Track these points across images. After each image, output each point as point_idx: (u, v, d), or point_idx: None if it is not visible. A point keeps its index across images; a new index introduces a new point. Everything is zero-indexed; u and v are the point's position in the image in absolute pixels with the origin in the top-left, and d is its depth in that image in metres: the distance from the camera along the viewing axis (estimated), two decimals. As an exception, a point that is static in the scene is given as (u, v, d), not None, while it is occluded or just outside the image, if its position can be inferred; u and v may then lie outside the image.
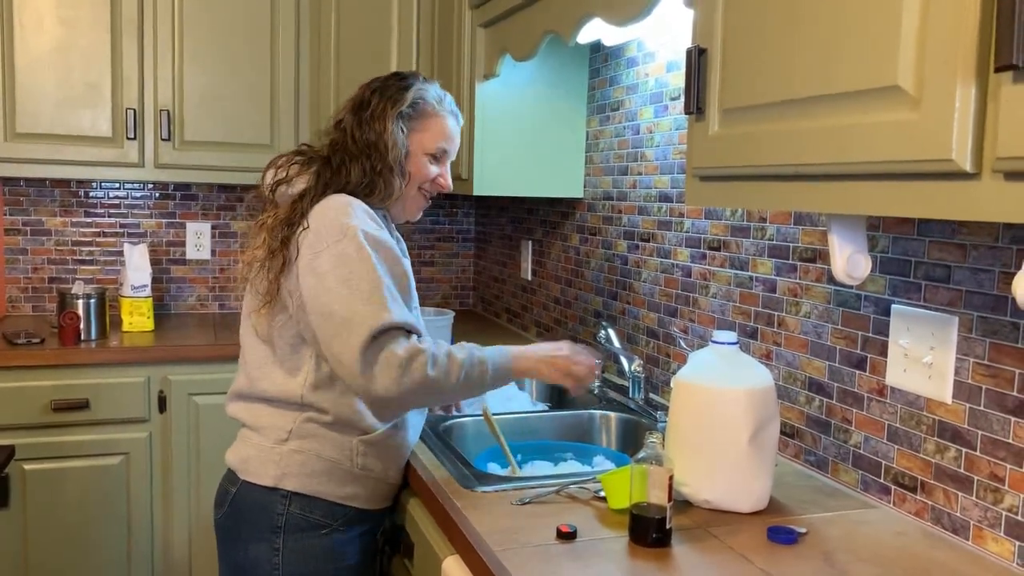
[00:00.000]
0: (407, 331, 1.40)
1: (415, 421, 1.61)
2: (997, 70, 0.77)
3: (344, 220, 1.42)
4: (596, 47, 2.33)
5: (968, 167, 0.81)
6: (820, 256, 1.55)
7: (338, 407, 1.49)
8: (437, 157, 1.61)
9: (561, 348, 1.56)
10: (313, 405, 1.48)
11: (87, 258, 3.01)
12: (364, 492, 1.53)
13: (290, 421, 1.49)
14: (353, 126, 1.54)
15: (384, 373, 1.35)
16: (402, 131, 1.54)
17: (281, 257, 1.44)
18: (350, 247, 1.40)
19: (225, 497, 1.54)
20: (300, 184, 1.51)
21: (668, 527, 1.20)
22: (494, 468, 1.70)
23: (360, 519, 1.54)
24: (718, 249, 1.84)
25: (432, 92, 1.60)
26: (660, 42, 2.03)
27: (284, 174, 1.52)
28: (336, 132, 1.57)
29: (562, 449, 1.80)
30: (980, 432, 1.23)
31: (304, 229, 1.43)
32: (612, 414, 1.97)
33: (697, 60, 1.21)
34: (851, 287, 1.46)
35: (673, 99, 1.99)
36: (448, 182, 1.64)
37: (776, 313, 1.65)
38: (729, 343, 1.37)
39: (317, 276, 1.40)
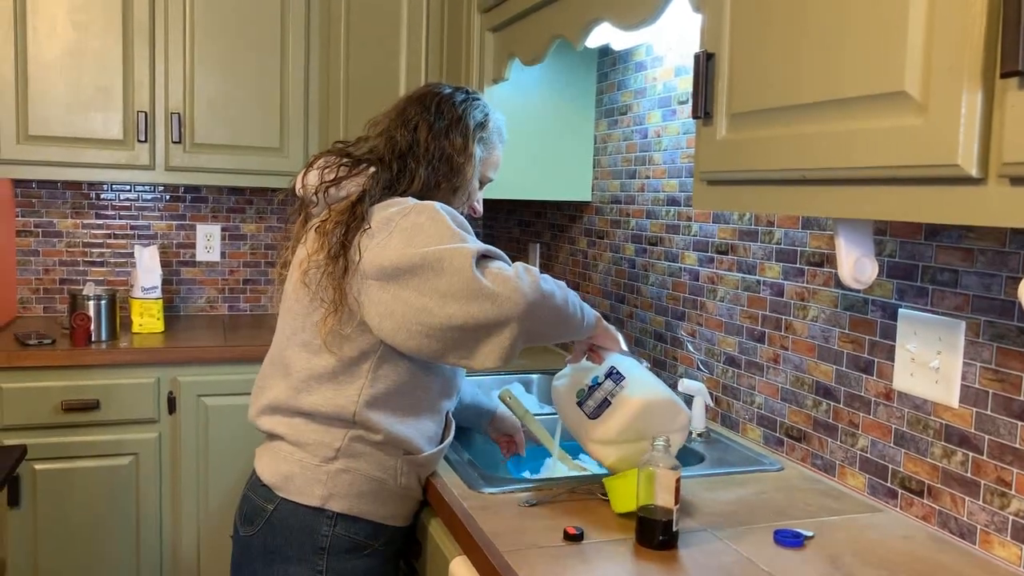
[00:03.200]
0: (503, 261, 1.38)
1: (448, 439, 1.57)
2: (1003, 76, 0.77)
3: (406, 202, 1.40)
4: (604, 51, 2.34)
5: (974, 172, 0.81)
6: (827, 260, 1.55)
7: (391, 427, 1.43)
8: (483, 183, 1.62)
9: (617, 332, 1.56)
10: (365, 424, 1.42)
11: (98, 260, 3.03)
12: (402, 511, 1.50)
13: (338, 438, 1.43)
14: (428, 133, 1.49)
15: (504, 286, 1.31)
16: (480, 154, 1.54)
17: (343, 261, 1.38)
18: (420, 218, 1.36)
19: (259, 514, 1.46)
20: (350, 186, 1.46)
21: (675, 530, 1.20)
22: (548, 465, 1.68)
23: (396, 538, 1.52)
24: (726, 253, 1.84)
25: (502, 120, 1.62)
26: (668, 46, 2.04)
27: (333, 176, 1.46)
28: (399, 133, 1.51)
29: None
30: (987, 436, 1.23)
31: (366, 230, 1.38)
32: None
33: (705, 65, 1.21)
34: (858, 291, 1.46)
35: (681, 103, 2.00)
36: (481, 207, 1.64)
37: (784, 317, 1.66)
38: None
39: (390, 250, 1.34)
